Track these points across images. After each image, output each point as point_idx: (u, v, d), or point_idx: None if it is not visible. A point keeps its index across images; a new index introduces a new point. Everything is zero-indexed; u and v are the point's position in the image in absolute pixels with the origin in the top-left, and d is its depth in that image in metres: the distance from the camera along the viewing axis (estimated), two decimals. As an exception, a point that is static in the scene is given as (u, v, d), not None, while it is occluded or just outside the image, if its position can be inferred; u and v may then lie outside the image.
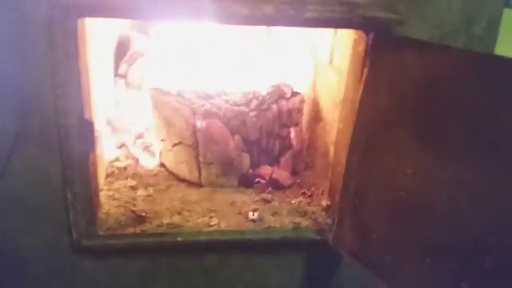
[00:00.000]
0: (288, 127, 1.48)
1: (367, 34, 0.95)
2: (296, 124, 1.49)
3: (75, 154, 0.95)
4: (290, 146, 1.49)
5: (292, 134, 1.49)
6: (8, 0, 0.85)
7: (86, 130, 0.95)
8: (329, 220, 1.15)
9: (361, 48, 0.99)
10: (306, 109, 1.54)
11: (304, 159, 1.53)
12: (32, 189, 0.98)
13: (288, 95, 1.48)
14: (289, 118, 1.46)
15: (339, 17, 0.92)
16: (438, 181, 0.81)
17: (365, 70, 0.93)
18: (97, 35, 1.17)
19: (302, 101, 1.50)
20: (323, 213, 1.18)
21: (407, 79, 0.84)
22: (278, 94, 1.47)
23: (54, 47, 0.87)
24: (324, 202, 1.21)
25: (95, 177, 1.03)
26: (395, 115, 0.88)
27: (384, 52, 0.88)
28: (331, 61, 1.33)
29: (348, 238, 1.04)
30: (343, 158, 1.06)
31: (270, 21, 0.92)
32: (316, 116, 1.47)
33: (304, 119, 1.53)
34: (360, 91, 0.96)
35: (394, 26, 0.93)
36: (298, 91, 1.51)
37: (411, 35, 0.97)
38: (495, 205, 0.73)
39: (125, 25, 1.77)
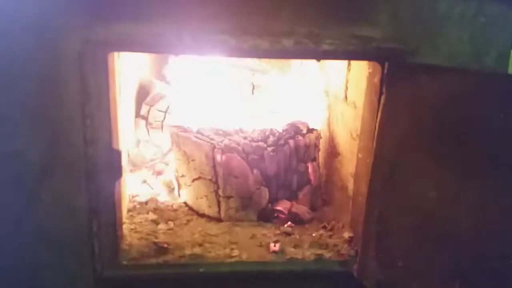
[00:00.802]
0: (305, 162, 1.49)
1: (381, 64, 0.99)
2: (313, 159, 1.51)
3: (102, 184, 0.97)
4: (308, 181, 1.50)
5: (310, 169, 1.50)
6: (42, 37, 0.91)
7: (114, 160, 0.98)
8: (352, 252, 1.14)
9: (377, 79, 1.02)
10: (322, 145, 1.56)
11: (322, 194, 1.53)
12: (57, 220, 1.00)
13: (304, 131, 1.51)
14: (306, 153, 1.48)
15: (354, 50, 0.97)
16: (461, 203, 0.81)
17: (382, 98, 0.96)
18: (122, 77, 1.23)
19: (318, 137, 1.53)
20: (346, 245, 1.17)
21: (424, 103, 0.86)
22: (294, 131, 1.50)
23: (85, 80, 0.92)
24: (346, 234, 1.21)
25: (119, 207, 1.05)
26: (414, 139, 0.90)
27: (400, 80, 0.92)
28: (346, 97, 1.36)
29: (372, 268, 1.02)
30: (363, 188, 1.07)
31: (289, 54, 0.97)
32: (333, 151, 1.49)
33: (321, 155, 1.55)
34: (378, 119, 0.98)
35: (407, 57, 0.96)
36: (314, 128, 1.55)
37: (425, 65, 1.01)
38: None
39: (145, 71, 1.86)
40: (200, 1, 0.93)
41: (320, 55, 0.97)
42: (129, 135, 1.61)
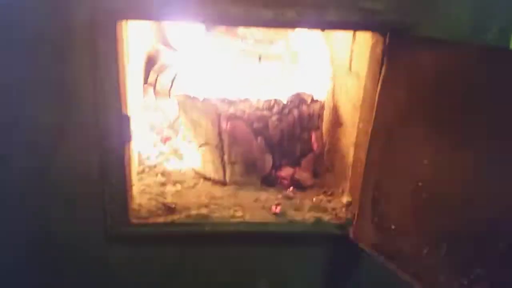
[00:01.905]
0: (309, 131, 1.53)
1: (384, 36, 1.01)
2: (317, 128, 1.55)
3: (113, 147, 1.03)
4: (311, 149, 1.55)
5: (313, 138, 1.55)
6: (53, 5, 0.94)
7: (124, 124, 1.03)
8: (349, 216, 1.19)
9: (379, 49, 1.05)
10: (326, 115, 1.60)
11: (324, 162, 1.58)
12: (72, 180, 1.06)
13: (309, 101, 1.55)
14: (309, 122, 1.52)
15: (357, 21, 0.99)
16: (453, 170, 0.85)
17: (383, 69, 0.99)
18: (131, 45, 1.26)
19: (322, 107, 1.57)
20: (344, 209, 1.23)
21: (423, 74, 0.89)
22: (299, 100, 1.53)
23: (96, 47, 0.96)
24: (345, 199, 1.26)
25: (129, 169, 1.11)
26: (412, 109, 0.93)
27: (400, 51, 0.94)
28: (350, 68, 1.39)
29: (368, 231, 1.08)
30: (363, 156, 1.11)
31: (292, 24, 0.99)
32: (336, 121, 1.52)
33: (324, 125, 1.59)
34: (378, 89, 1.01)
35: (408, 29, 0.98)
36: (318, 99, 1.58)
37: (426, 37, 1.04)
38: (508, 192, 0.77)
39: (154, 39, 1.89)
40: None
41: (324, 25, 1.00)
42: (138, 102, 1.65)
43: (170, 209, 1.15)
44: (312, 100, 1.57)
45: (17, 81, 0.99)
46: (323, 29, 1.09)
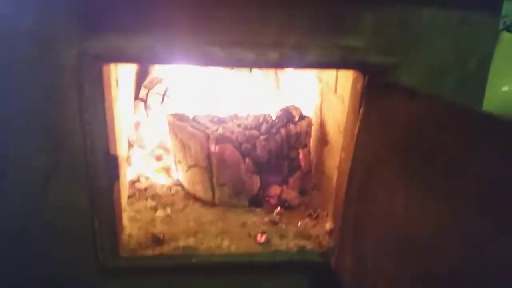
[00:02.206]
0: (296, 149, 1.56)
1: (363, 75, 1.03)
2: (304, 146, 1.58)
3: (102, 186, 1.06)
4: (298, 167, 1.58)
5: (301, 155, 1.58)
6: (42, 48, 0.96)
7: (111, 165, 1.06)
8: (332, 243, 1.23)
9: (359, 86, 1.07)
10: (314, 131, 1.62)
11: (312, 180, 1.62)
12: (63, 218, 1.09)
13: (297, 118, 1.57)
14: (297, 140, 1.55)
15: (337, 60, 1.01)
16: (422, 218, 0.88)
17: (361, 109, 1.01)
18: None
19: (310, 124, 1.59)
20: (327, 236, 1.27)
21: (397, 122, 0.91)
22: (287, 118, 1.56)
23: (82, 91, 0.98)
24: (328, 225, 1.30)
25: (119, 205, 1.14)
26: (386, 153, 0.95)
27: (377, 95, 0.96)
28: (335, 90, 1.41)
29: (348, 263, 1.11)
30: (344, 183, 1.14)
31: (274, 65, 1.01)
32: (323, 139, 1.55)
33: (312, 141, 1.62)
34: (357, 127, 1.04)
35: (389, 69, 1.00)
36: (306, 115, 1.60)
37: (407, 74, 1.05)
38: (474, 239, 0.80)
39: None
40: (188, 15, 0.97)
41: (305, 66, 1.02)
42: (128, 119, 1.68)
43: (158, 240, 1.19)
44: (300, 116, 1.60)
45: (11, 120, 1.01)
46: (304, 68, 1.11)
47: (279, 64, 1.00)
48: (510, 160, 0.69)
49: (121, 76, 1.32)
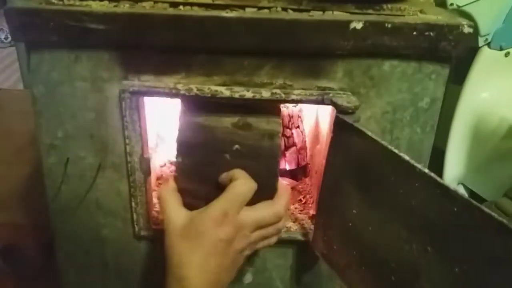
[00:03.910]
0: (290, 128, 1.88)
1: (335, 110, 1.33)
2: (297, 127, 1.90)
3: (137, 180, 1.44)
4: (293, 144, 1.91)
5: (295, 134, 1.90)
6: (94, 85, 1.31)
7: (144, 164, 1.43)
8: (312, 227, 1.59)
9: (333, 115, 1.37)
10: (310, 128, 1.94)
11: (306, 155, 1.94)
12: (109, 199, 1.49)
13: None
14: (290, 121, 1.86)
15: (314, 99, 1.31)
16: (369, 221, 1.23)
17: (331, 136, 1.33)
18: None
19: (301, 110, 1.90)
20: (309, 220, 1.63)
21: (353, 155, 1.23)
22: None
23: (123, 115, 1.33)
24: (312, 211, 1.66)
25: (150, 191, 1.53)
26: (346, 172, 1.28)
27: (340, 131, 1.26)
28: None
29: (320, 243, 1.48)
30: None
31: (267, 101, 1.32)
32: (317, 137, 1.87)
33: (308, 137, 1.94)
34: (327, 149, 1.35)
35: (354, 107, 1.30)
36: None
37: (370, 108, 1.36)
38: (397, 235, 1.14)
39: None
40: (202, 61, 1.29)
41: (290, 102, 1.32)
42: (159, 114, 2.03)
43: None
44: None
45: (73, 135, 1.38)
46: (290, 104, 1.40)
47: (270, 100, 1.30)
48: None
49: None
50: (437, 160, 1.03)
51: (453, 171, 2.02)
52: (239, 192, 1.11)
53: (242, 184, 1.12)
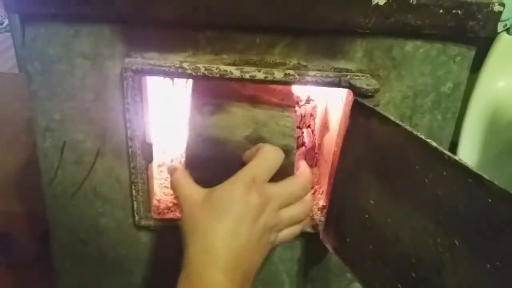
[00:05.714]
0: (301, 128, 1.80)
1: (353, 93, 1.25)
2: (308, 126, 1.82)
3: (138, 166, 1.35)
4: (303, 143, 1.83)
5: (305, 134, 1.82)
6: (95, 63, 1.21)
7: (147, 150, 1.34)
8: (322, 218, 1.51)
9: (350, 98, 1.28)
10: (320, 114, 1.85)
11: (315, 155, 1.87)
12: (108, 186, 1.40)
13: (303, 102, 1.79)
14: (301, 121, 1.78)
15: (331, 81, 1.23)
16: (389, 212, 1.15)
17: (348, 122, 1.24)
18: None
19: (315, 107, 1.82)
20: (319, 212, 1.55)
21: (372, 140, 1.15)
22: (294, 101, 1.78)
23: (125, 96, 1.24)
24: (321, 203, 1.57)
25: (151, 179, 1.44)
26: (364, 160, 1.20)
27: (359, 116, 1.18)
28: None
29: (331, 236, 1.40)
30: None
31: (279, 82, 1.23)
32: (326, 124, 1.78)
33: (317, 124, 1.85)
34: (343, 136, 1.27)
35: (374, 90, 1.21)
36: (312, 98, 1.82)
37: (390, 92, 1.27)
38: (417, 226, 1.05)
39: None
40: (210, 37, 1.19)
41: (304, 84, 1.23)
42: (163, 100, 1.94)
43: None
44: (306, 100, 1.82)
45: (70, 116, 1.29)
46: (303, 86, 1.31)
47: (283, 82, 1.21)
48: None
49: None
50: (450, 151, 0.94)
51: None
52: (268, 157, 1.05)
53: (270, 150, 1.07)
